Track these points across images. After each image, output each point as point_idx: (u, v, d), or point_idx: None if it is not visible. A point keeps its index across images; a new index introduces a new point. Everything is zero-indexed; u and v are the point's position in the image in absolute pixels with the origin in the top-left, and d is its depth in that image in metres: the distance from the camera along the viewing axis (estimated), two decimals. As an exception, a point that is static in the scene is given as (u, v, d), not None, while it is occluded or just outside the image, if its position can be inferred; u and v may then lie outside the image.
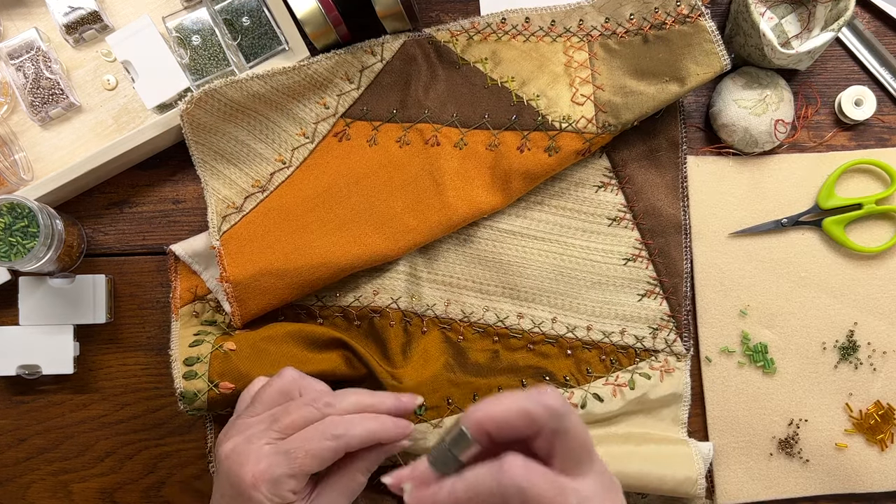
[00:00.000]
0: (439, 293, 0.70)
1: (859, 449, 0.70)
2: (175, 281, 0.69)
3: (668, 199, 0.71)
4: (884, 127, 0.73)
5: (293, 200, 0.69)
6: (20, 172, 0.70)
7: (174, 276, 0.69)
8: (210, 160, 0.69)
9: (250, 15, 0.71)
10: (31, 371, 0.69)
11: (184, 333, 0.67)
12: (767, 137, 0.70)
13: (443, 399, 0.65)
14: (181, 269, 0.70)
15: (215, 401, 0.63)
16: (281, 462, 0.52)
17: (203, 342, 0.65)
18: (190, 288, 0.69)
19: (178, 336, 0.67)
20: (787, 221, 0.71)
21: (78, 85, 0.72)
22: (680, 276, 0.70)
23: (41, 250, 0.63)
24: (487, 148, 0.69)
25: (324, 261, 0.66)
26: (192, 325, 0.68)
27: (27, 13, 0.72)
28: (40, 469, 0.71)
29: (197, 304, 0.69)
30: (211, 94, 0.67)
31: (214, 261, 0.68)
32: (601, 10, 0.70)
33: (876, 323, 0.71)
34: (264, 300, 0.66)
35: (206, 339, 0.66)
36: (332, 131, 0.71)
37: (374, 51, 0.70)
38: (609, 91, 0.68)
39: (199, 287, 0.69)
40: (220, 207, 0.69)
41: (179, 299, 0.69)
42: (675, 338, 0.70)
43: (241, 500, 0.52)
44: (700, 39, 0.67)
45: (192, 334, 0.66)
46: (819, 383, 0.71)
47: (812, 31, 0.71)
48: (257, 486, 0.51)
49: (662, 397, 0.69)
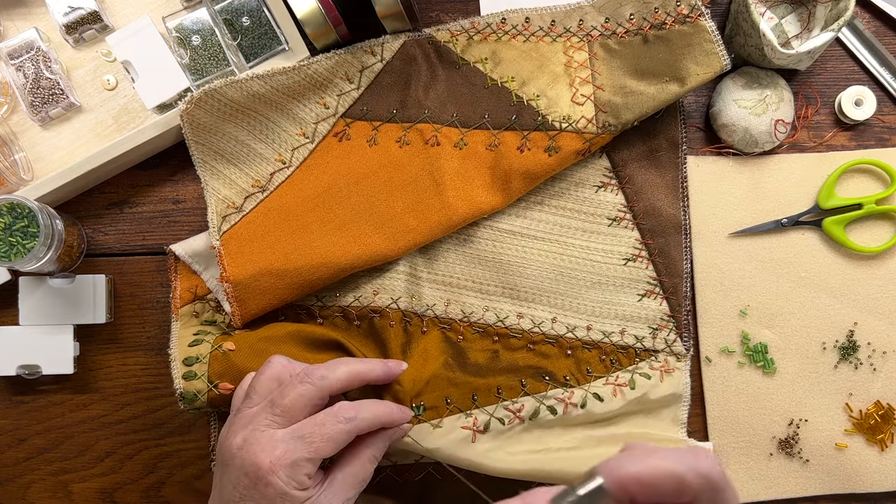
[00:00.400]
0: (439, 293, 0.70)
1: (859, 449, 0.70)
2: (175, 281, 0.69)
3: (668, 199, 0.71)
4: (884, 127, 0.73)
5: (293, 200, 0.69)
6: (20, 172, 0.70)
7: (174, 275, 0.69)
8: (210, 160, 0.69)
9: (250, 15, 0.71)
10: (31, 371, 0.69)
11: (183, 333, 0.67)
12: (767, 137, 0.70)
13: (442, 399, 0.65)
14: (181, 269, 0.70)
15: (215, 401, 0.63)
16: (298, 446, 0.53)
17: (202, 342, 0.65)
18: (190, 288, 0.69)
19: (178, 336, 0.67)
20: (788, 221, 0.71)
21: (78, 85, 0.72)
22: (680, 276, 0.70)
23: (41, 250, 0.63)
24: (487, 148, 0.69)
25: (324, 261, 0.66)
26: (192, 325, 0.68)
27: (27, 13, 0.72)
28: (40, 469, 0.71)
29: (197, 303, 0.69)
30: (211, 94, 0.67)
31: (214, 261, 0.68)
32: (601, 10, 0.70)
33: (876, 323, 0.71)
34: (264, 300, 0.66)
35: (206, 338, 0.66)
36: (333, 131, 0.71)
37: (374, 51, 0.70)
38: (609, 91, 0.68)
39: (199, 287, 0.69)
40: (219, 207, 0.69)
41: (179, 299, 0.69)
42: (674, 338, 0.70)
43: (259, 487, 0.52)
44: (700, 39, 0.67)
45: (192, 334, 0.66)
46: (819, 383, 0.71)
47: (812, 31, 0.71)
48: (275, 472, 0.52)
49: (662, 397, 0.69)
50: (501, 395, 0.66)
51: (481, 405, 0.65)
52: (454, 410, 0.65)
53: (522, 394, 0.66)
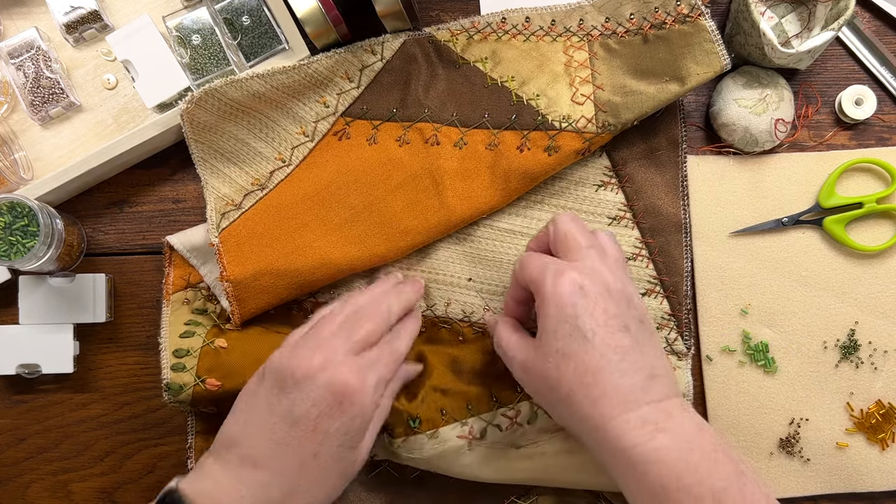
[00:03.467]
0: (439, 293, 0.70)
1: (860, 448, 0.70)
2: (168, 268, 0.69)
3: (668, 198, 0.71)
4: (884, 126, 0.73)
5: (292, 198, 0.69)
6: (20, 172, 0.70)
7: (168, 263, 0.69)
8: (210, 158, 0.69)
9: (250, 14, 0.71)
10: (30, 370, 0.69)
11: (174, 321, 0.67)
12: (767, 137, 0.70)
13: (437, 411, 0.65)
14: (176, 258, 0.69)
15: (200, 396, 0.64)
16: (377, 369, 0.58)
17: (194, 334, 0.65)
18: (183, 276, 0.69)
19: (168, 323, 0.67)
20: (788, 220, 0.71)
21: (78, 84, 0.72)
22: (680, 275, 0.70)
23: (41, 249, 0.63)
24: (487, 147, 0.69)
25: (324, 261, 0.66)
26: (183, 314, 0.68)
27: (27, 13, 0.72)
28: (40, 469, 0.71)
29: (189, 291, 0.69)
30: (211, 93, 0.66)
31: (212, 256, 0.68)
32: (601, 10, 0.70)
33: (877, 322, 0.71)
34: (263, 300, 0.66)
35: (198, 330, 0.66)
36: (332, 130, 0.70)
37: (374, 50, 0.70)
38: (609, 90, 0.68)
39: (191, 275, 0.69)
40: (219, 205, 0.69)
41: (172, 286, 0.69)
42: (675, 337, 0.70)
43: (344, 405, 0.55)
44: (700, 39, 0.67)
45: (183, 323, 0.66)
46: (820, 382, 0.70)
47: (812, 30, 0.71)
48: (364, 391, 0.56)
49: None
50: (497, 401, 0.65)
51: (476, 413, 0.65)
52: (449, 420, 0.65)
53: (519, 399, 0.65)
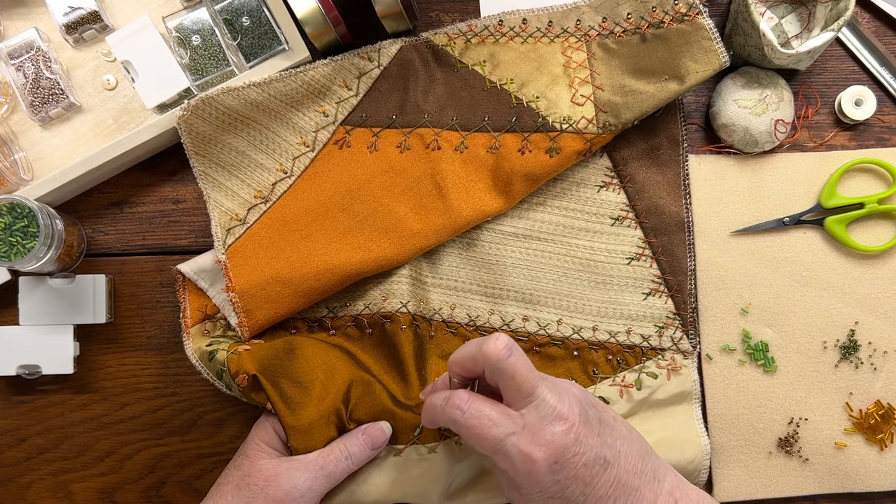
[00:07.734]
0: (444, 297, 0.70)
1: (859, 448, 0.70)
2: (184, 301, 0.69)
3: (670, 197, 0.71)
4: (884, 127, 0.73)
5: (296, 210, 0.69)
6: (20, 172, 0.69)
7: (182, 295, 0.69)
8: (211, 172, 0.69)
9: (250, 15, 0.71)
10: (31, 371, 0.69)
11: (197, 345, 0.66)
12: (767, 137, 0.70)
13: None
14: (189, 288, 0.69)
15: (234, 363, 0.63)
16: None
17: (218, 350, 0.64)
18: (199, 308, 0.68)
19: (193, 349, 0.66)
20: (789, 220, 0.71)
21: (78, 85, 0.72)
22: (684, 274, 0.70)
23: (41, 250, 0.63)
24: (488, 151, 0.69)
25: (329, 267, 0.66)
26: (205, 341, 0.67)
27: (27, 13, 0.72)
28: (40, 469, 0.71)
29: (207, 323, 0.68)
30: (208, 101, 0.66)
31: (220, 276, 0.68)
32: (598, 10, 0.70)
33: (877, 322, 0.71)
34: (272, 310, 0.66)
35: (220, 346, 0.65)
36: (333, 139, 0.70)
37: (370, 57, 0.70)
38: (608, 91, 0.68)
39: (208, 307, 0.68)
40: (223, 220, 0.68)
41: (190, 319, 0.68)
42: (681, 335, 0.70)
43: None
44: (698, 37, 0.67)
45: (206, 345, 0.66)
46: (819, 382, 0.71)
47: (812, 30, 0.71)
48: None
49: (670, 396, 0.68)
50: None
51: None
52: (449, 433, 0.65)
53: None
